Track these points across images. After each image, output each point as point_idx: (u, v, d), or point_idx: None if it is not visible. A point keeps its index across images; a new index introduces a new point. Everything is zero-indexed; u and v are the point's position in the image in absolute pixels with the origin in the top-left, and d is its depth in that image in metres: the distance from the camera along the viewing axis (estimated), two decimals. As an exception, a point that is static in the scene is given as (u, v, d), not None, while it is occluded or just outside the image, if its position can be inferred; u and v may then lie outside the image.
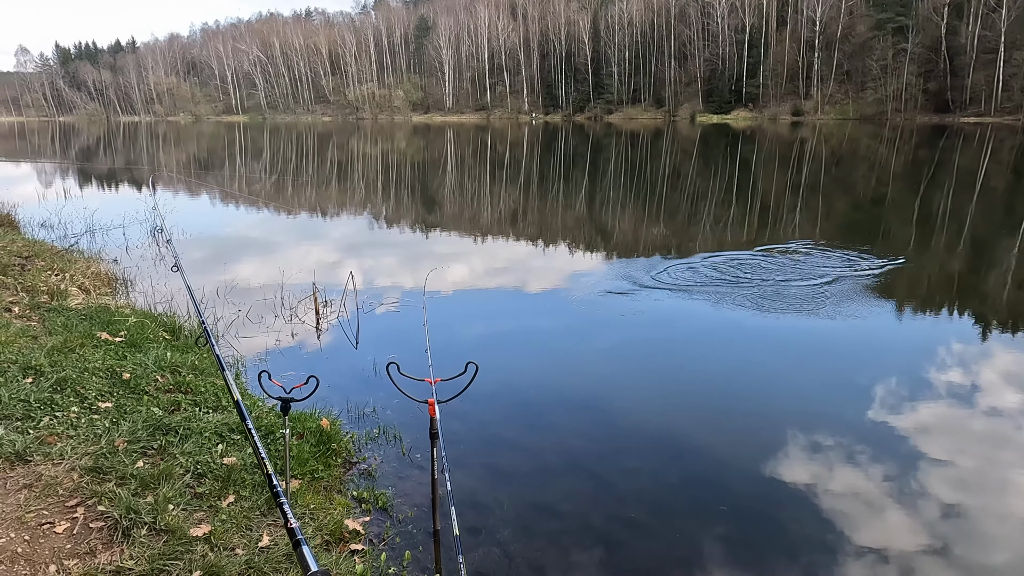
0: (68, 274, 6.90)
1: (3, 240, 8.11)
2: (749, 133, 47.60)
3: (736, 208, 14.86)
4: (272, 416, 3.90)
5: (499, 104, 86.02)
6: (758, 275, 8.20)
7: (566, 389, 5.18)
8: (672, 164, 26.99)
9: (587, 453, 4.11)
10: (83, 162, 29.44)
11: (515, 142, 43.20)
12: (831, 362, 5.62)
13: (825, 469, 3.86)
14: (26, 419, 3.48)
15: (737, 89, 69.83)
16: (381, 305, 7.16)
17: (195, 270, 8.63)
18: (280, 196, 18.43)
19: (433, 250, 10.82)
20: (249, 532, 2.87)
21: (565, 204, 16.36)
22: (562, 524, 3.35)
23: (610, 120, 73.22)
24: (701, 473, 3.88)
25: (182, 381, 4.28)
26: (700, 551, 3.18)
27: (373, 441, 4.11)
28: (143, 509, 2.83)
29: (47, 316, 5.42)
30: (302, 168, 27.15)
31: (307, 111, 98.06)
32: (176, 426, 3.56)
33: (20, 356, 4.22)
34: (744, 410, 4.76)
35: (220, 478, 3.18)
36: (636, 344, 6.10)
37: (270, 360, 5.51)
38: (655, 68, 75.72)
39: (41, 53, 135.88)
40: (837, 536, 3.27)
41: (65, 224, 10.80)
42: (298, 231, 12.69)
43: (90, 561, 2.57)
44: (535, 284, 8.06)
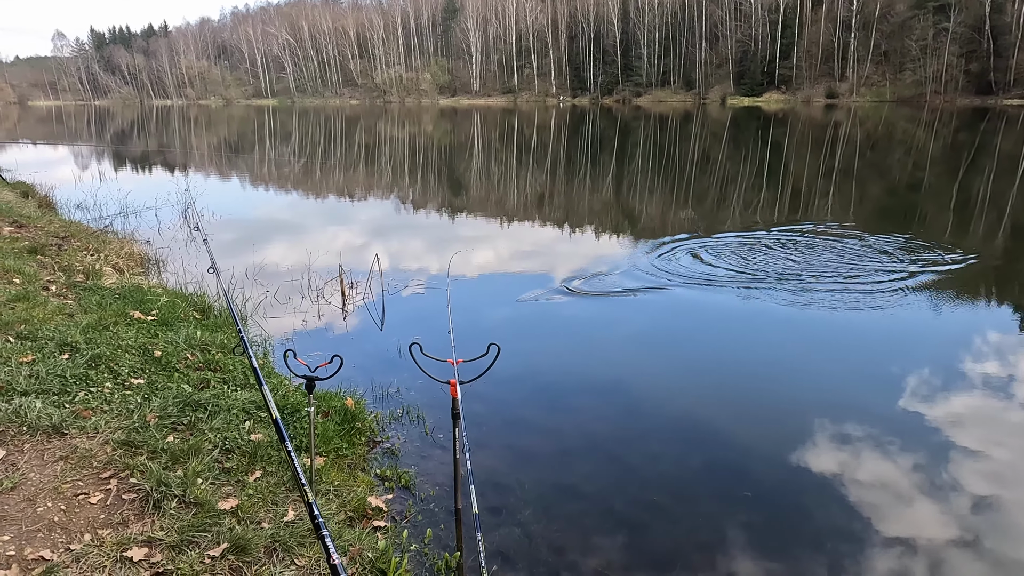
0: (103, 254, 7.07)
1: (41, 221, 8.33)
2: (781, 116, 46.62)
3: (766, 192, 14.60)
4: (298, 395, 3.97)
5: (526, 87, 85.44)
6: (787, 261, 8.07)
7: (588, 372, 5.17)
8: (701, 147, 26.58)
9: (609, 436, 4.11)
10: (117, 145, 30.02)
11: (542, 125, 42.91)
12: (862, 351, 5.51)
13: (853, 458, 3.81)
14: (62, 393, 3.58)
15: (769, 71, 68.32)
16: (406, 287, 7.21)
17: (225, 252, 8.79)
18: (308, 179, 18.60)
19: (459, 233, 10.84)
20: (275, 507, 2.93)
21: (592, 188, 16.24)
22: (583, 506, 3.36)
23: (639, 103, 72.25)
24: (724, 459, 3.85)
25: (211, 359, 4.37)
26: (723, 536, 3.16)
27: (397, 420, 4.16)
28: (173, 482, 2.90)
29: (83, 294, 5.56)
30: (330, 151, 27.34)
31: (335, 94, 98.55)
32: (205, 403, 3.64)
33: (57, 333, 4.35)
34: (770, 397, 4.70)
35: (247, 454, 3.25)
36: (660, 328, 6.05)
37: (297, 340, 5.59)
38: (685, 50, 74.40)
39: (77, 38, 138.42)
40: (864, 526, 3.23)
41: (100, 206, 11.04)
42: (326, 214, 12.80)
43: (123, 531, 2.65)
44: (559, 268, 8.03)
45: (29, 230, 7.56)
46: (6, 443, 3.10)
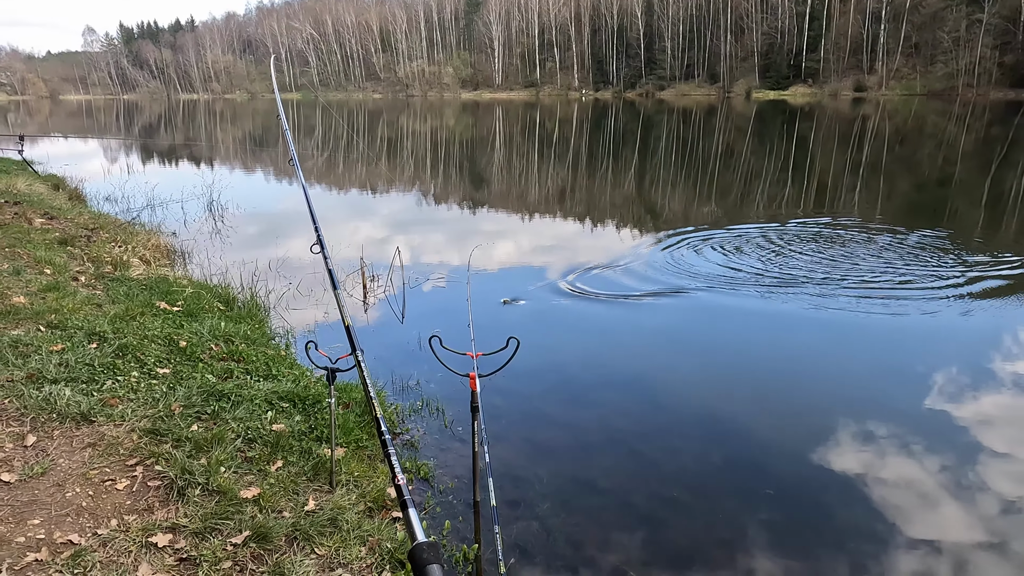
0: (130, 246, 7.19)
1: (71, 213, 8.50)
2: (807, 110, 45.90)
3: (791, 187, 14.39)
4: (319, 386, 4.01)
5: (549, 81, 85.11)
6: (812, 257, 7.96)
7: (608, 367, 5.15)
8: (725, 142, 26.28)
9: (628, 431, 4.09)
10: (145, 139, 30.51)
11: (564, 119, 42.75)
12: (889, 349, 5.41)
13: (877, 458, 3.75)
14: (90, 382, 3.66)
15: (796, 64, 67.22)
16: (427, 281, 7.24)
17: (249, 244, 8.90)
18: (331, 173, 18.75)
19: (480, 227, 10.85)
20: (296, 496, 2.97)
21: (613, 182, 16.15)
22: (601, 500, 3.35)
23: (662, 97, 71.62)
24: (746, 456, 3.82)
25: (235, 350, 4.43)
26: (743, 533, 3.13)
27: (416, 413, 4.18)
28: (197, 470, 2.95)
29: (110, 285, 5.66)
30: (352, 145, 27.51)
31: (358, 88, 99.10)
32: (228, 393, 3.70)
33: (86, 323, 4.43)
34: (793, 395, 4.65)
35: (269, 444, 3.29)
36: (680, 324, 6.00)
37: (318, 332, 5.65)
38: (710, 43, 73.49)
39: (106, 33, 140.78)
40: (888, 527, 3.18)
41: (128, 198, 11.24)
42: (348, 207, 12.90)
43: (148, 517, 2.70)
44: (580, 262, 8.00)
45: (60, 222, 7.72)
46: (37, 430, 3.17)
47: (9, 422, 3.20)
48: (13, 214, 7.59)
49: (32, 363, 3.73)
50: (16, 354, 3.83)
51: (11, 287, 5.04)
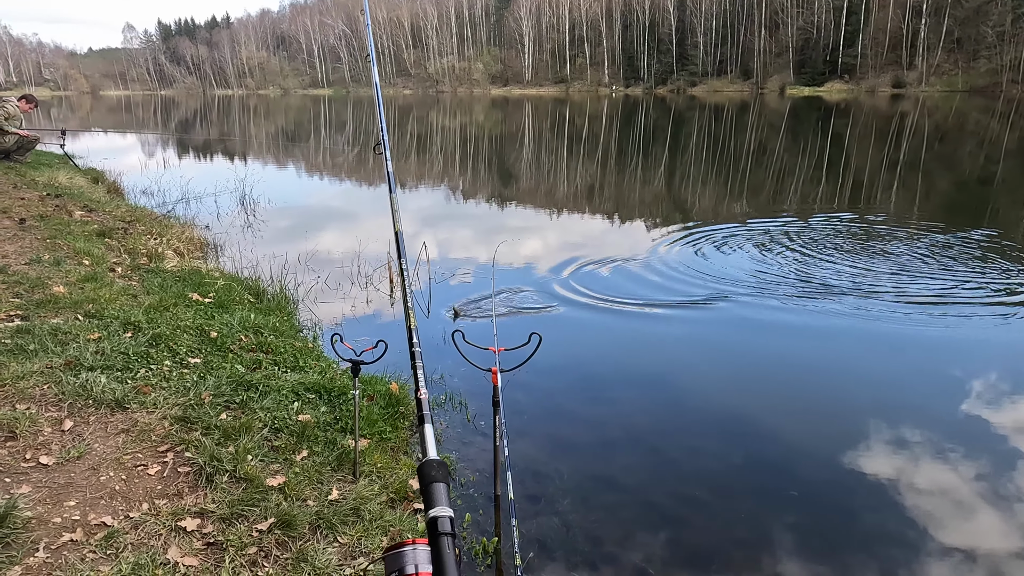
0: (165, 238, 7.37)
1: (110, 206, 8.73)
2: (843, 106, 44.96)
3: (825, 185, 14.13)
4: (345, 378, 4.07)
5: (579, 76, 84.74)
6: (845, 258, 7.81)
7: (631, 364, 5.13)
8: (758, 139, 25.89)
9: (649, 429, 4.08)
10: (181, 134, 31.15)
11: (594, 115, 42.53)
12: (922, 352, 5.29)
13: (909, 463, 3.67)
14: (125, 370, 3.77)
15: (832, 59, 65.85)
16: (453, 276, 7.28)
17: (280, 238, 9.05)
18: (361, 168, 18.94)
19: (507, 223, 10.88)
20: (320, 486, 3.02)
21: (643, 179, 16.04)
22: (621, 497, 3.35)
23: (693, 93, 70.77)
24: (768, 457, 3.78)
25: (263, 341, 4.52)
26: (765, 535, 3.10)
27: (439, 407, 4.22)
28: (225, 458, 3.02)
29: (145, 276, 5.81)
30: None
31: (389, 84, 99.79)
32: (257, 383, 3.77)
33: (121, 312, 4.56)
34: (819, 398, 4.58)
35: (295, 433, 3.35)
36: (705, 323, 5.94)
37: (345, 325, 5.73)
38: (743, 38, 72.39)
39: (145, 30, 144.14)
40: (919, 533, 3.11)
41: (163, 192, 11.51)
42: (377, 202, 13.02)
43: (177, 502, 2.78)
44: (606, 259, 7.97)
45: (98, 214, 7.94)
46: (73, 415, 3.28)
47: (48, 407, 3.32)
48: (55, 206, 7.83)
49: (70, 351, 3.86)
50: (55, 342, 3.96)
51: (52, 277, 5.21)
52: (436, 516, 0.60)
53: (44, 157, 12.58)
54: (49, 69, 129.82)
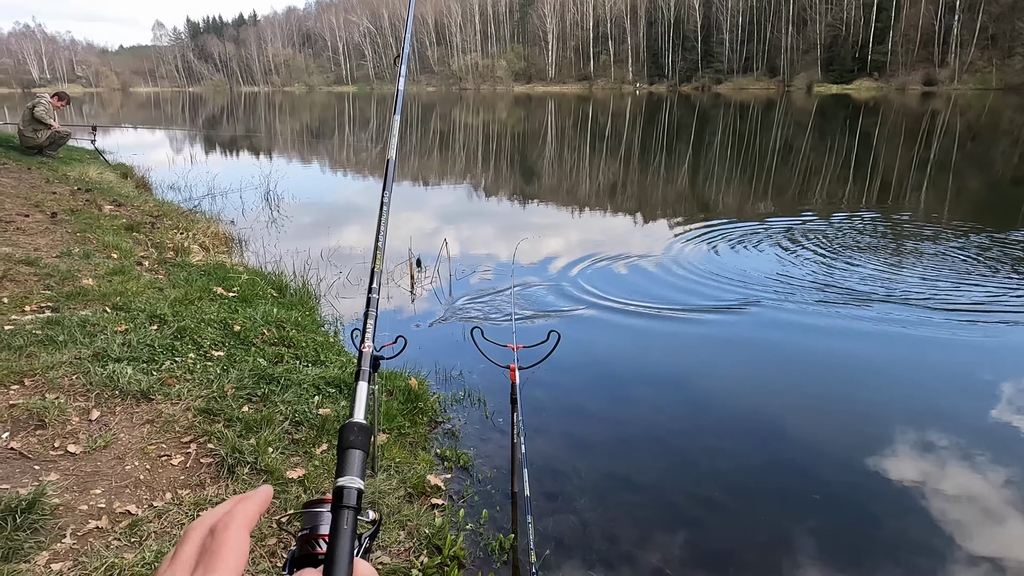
0: (191, 233, 7.48)
1: (138, 200, 8.89)
2: (872, 104, 44.17)
3: (853, 185, 13.90)
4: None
5: (602, 74, 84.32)
6: (872, 260, 7.68)
7: (649, 364, 5.10)
8: (784, 137, 25.55)
9: (668, 429, 4.05)
10: (207, 130, 31.60)
11: (617, 113, 42.30)
12: (951, 357, 5.18)
13: (937, 469, 3.58)
14: (150, 362, 3.84)
15: (861, 56, 64.76)
16: (474, 273, 7.30)
17: (303, 234, 9.14)
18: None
19: (529, 221, 10.87)
20: (339, 479, 3.05)
21: (666, 177, 15.92)
22: (639, 497, 3.33)
23: (718, 90, 70.02)
24: (790, 459, 3.73)
25: (285, 336, 4.57)
26: (785, 538, 3.07)
27: (458, 403, 4.23)
28: (246, 450, 3.07)
29: (172, 270, 5.92)
30: (406, 138, 27.87)
31: (412, 81, 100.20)
32: (278, 377, 3.82)
33: (148, 305, 4.65)
34: (844, 401, 4.50)
35: (315, 427, 3.39)
36: (727, 322, 5.88)
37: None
38: (770, 35, 71.44)
39: (175, 27, 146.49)
40: (945, 541, 3.03)
41: (190, 187, 11.68)
42: (399, 199, 13.09)
43: (200, 492, 2.83)
44: (627, 258, 7.93)
45: (127, 209, 8.09)
46: (100, 405, 3.35)
47: (76, 397, 3.39)
48: (85, 201, 7.99)
49: (98, 342, 3.94)
50: (84, 333, 4.05)
51: (81, 270, 5.32)
52: (342, 486, 0.57)
53: (75, 152, 12.84)
54: (81, 66, 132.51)
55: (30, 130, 10.59)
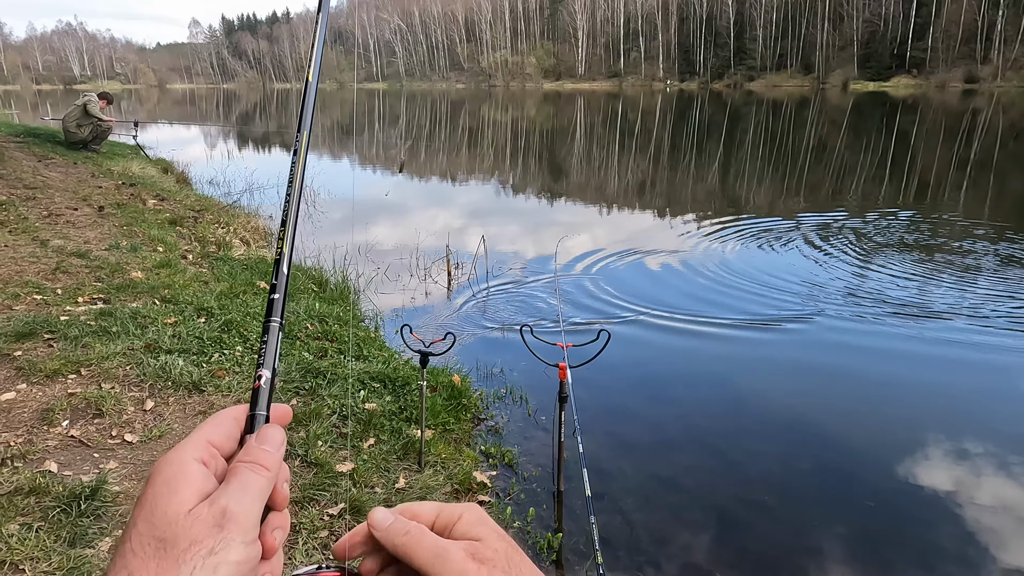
0: (232, 227, 7.61)
1: (179, 195, 9.07)
2: (911, 102, 43.15)
3: (888, 185, 13.60)
4: (408, 368, 4.13)
5: (632, 71, 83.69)
6: (910, 264, 7.51)
7: (692, 364, 5.05)
8: (817, 136, 25.09)
9: (712, 431, 4.01)
10: (242, 126, 32.09)
11: (647, 111, 41.96)
12: (1004, 367, 5.04)
13: (996, 479, 3.50)
14: (200, 354, 3.91)
15: (900, 53, 63.25)
16: (509, 270, 7.30)
17: (339, 229, 9.23)
18: (413, 161, 19.16)
19: (560, 218, 10.84)
20: (387, 474, 3.08)
21: (696, 176, 15.74)
22: (685, 499, 3.30)
23: (751, 88, 69.02)
24: (838, 464, 3.66)
25: (328, 330, 4.62)
26: (833, 543, 3.02)
27: (500, 400, 4.24)
28: (296, 442, 3.11)
29: (215, 264, 6.02)
30: (435, 134, 27.99)
31: (442, 78, 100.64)
32: (324, 371, 3.87)
33: (195, 298, 4.74)
34: (894, 406, 4.40)
35: (362, 421, 3.42)
36: (770, 323, 5.79)
37: (404, 316, 5.81)
38: (805, 31, 70.14)
39: (210, 25, 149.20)
40: (1014, 556, 2.96)
41: (229, 182, 11.87)
42: (429, 195, 13.16)
43: (252, 483, 2.87)
44: (664, 256, 7.87)
45: (170, 203, 8.25)
46: (154, 396, 3.42)
47: (130, 387, 3.47)
48: (129, 195, 8.17)
49: (149, 334, 4.02)
50: (135, 325, 4.14)
51: (129, 262, 5.44)
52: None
53: (117, 147, 13.15)
54: (120, 63, 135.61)
55: (74, 125, 10.86)
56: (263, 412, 0.53)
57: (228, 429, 0.50)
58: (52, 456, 2.84)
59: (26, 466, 2.73)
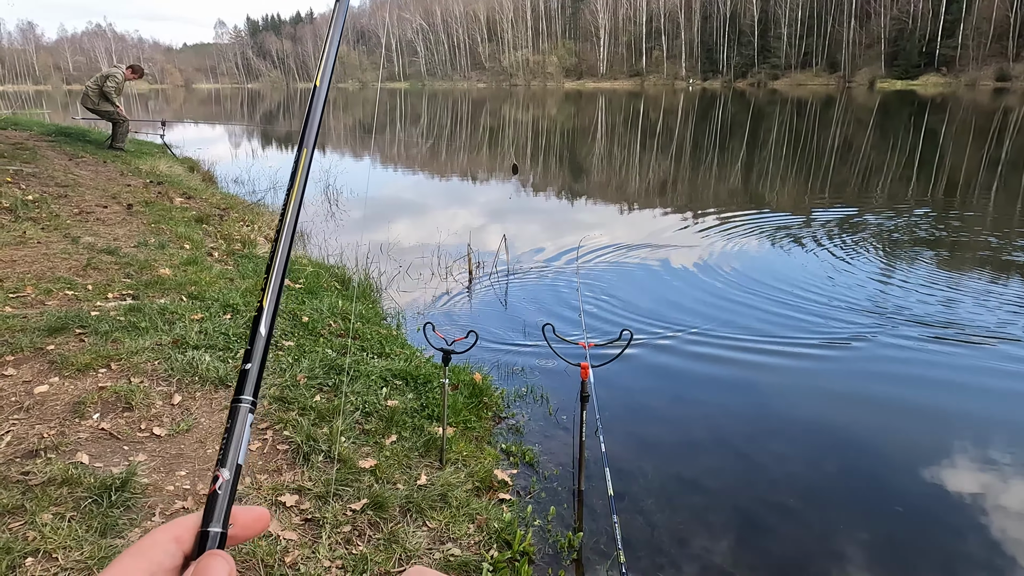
0: (256, 225, 7.71)
1: (205, 193, 9.20)
2: (939, 101, 42.33)
3: (916, 185, 13.36)
4: (429, 366, 4.15)
5: (654, 70, 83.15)
6: (936, 267, 7.38)
7: (714, 365, 5.00)
8: (843, 135, 24.72)
9: (736, 432, 3.97)
10: (265, 125, 32.45)
11: (669, 110, 41.67)
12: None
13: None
14: (226, 349, 3.97)
15: (929, 51, 62.07)
16: (529, 269, 7.30)
17: (360, 227, 9.31)
18: (434, 160, 19.23)
19: (581, 218, 10.81)
20: (408, 470, 3.10)
21: (719, 175, 15.60)
22: (707, 500, 3.28)
23: (775, 86, 68.20)
24: (865, 468, 3.61)
25: (351, 327, 4.66)
26: (858, 548, 2.98)
27: (521, 399, 4.25)
28: (320, 438, 3.15)
29: (240, 261, 6.10)
30: (456, 133, 28.06)
31: (463, 78, 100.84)
32: (347, 367, 3.90)
33: (220, 295, 4.81)
34: (925, 413, 4.33)
35: (384, 418, 3.45)
36: (794, 324, 5.72)
37: (426, 314, 5.84)
38: (831, 28, 69.10)
39: (235, 25, 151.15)
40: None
41: (253, 181, 12.01)
42: (450, 194, 13.20)
43: (277, 478, 2.91)
44: (686, 256, 7.81)
45: (196, 201, 8.38)
46: (181, 390, 3.49)
47: (159, 381, 3.54)
48: (157, 193, 8.31)
49: (177, 330, 4.09)
50: (163, 320, 4.21)
51: (157, 259, 5.54)
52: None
53: (145, 146, 13.36)
54: (147, 64, 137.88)
55: (97, 93, 10.53)
56: (218, 528, 0.40)
57: (160, 558, 0.38)
58: (83, 448, 2.91)
59: (59, 457, 2.80)
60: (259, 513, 0.43)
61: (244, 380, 0.45)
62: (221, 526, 0.40)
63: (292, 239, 0.52)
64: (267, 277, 0.50)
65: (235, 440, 0.43)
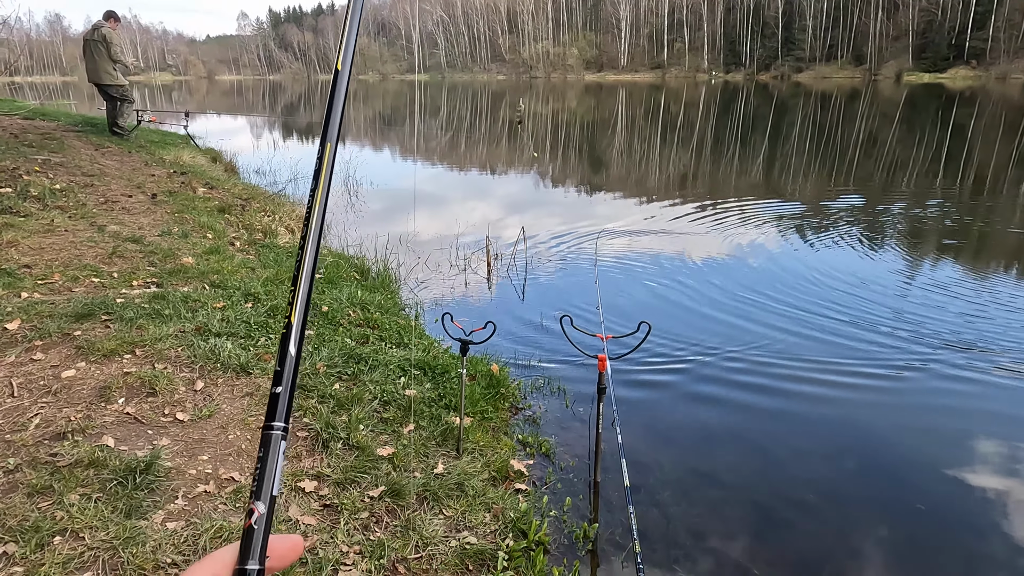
0: (277, 216, 7.78)
1: (227, 184, 9.30)
2: (968, 95, 41.46)
3: (943, 180, 13.12)
4: (447, 356, 4.17)
5: (676, 62, 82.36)
6: (961, 271, 7.25)
7: (733, 359, 4.97)
8: (868, 129, 24.33)
9: (753, 427, 3.95)
10: (287, 116, 32.69)
11: (690, 103, 41.27)
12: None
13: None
14: (247, 337, 4.02)
15: (958, 43, 60.72)
16: (548, 261, 7.30)
17: (379, 218, 9.36)
18: (453, 153, 19.25)
19: (599, 211, 10.77)
20: (426, 459, 3.13)
21: (740, 169, 15.44)
22: (724, 494, 3.27)
23: (799, 79, 67.22)
24: (887, 466, 3.57)
25: (370, 317, 4.70)
26: (877, 546, 2.95)
27: (538, 391, 4.26)
28: (339, 426, 3.18)
29: (261, 251, 6.17)
30: (475, 126, 28.05)
31: (483, 70, 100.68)
32: (366, 357, 3.94)
33: (242, 284, 4.87)
34: (949, 411, 4.27)
35: (402, 407, 3.48)
36: (816, 320, 5.66)
37: (445, 306, 5.87)
38: (857, 20, 67.88)
39: (257, 17, 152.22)
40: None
41: (274, 172, 12.12)
42: (468, 187, 13.21)
43: (297, 464, 2.95)
44: (706, 250, 7.76)
45: (218, 191, 8.47)
46: (204, 377, 3.54)
47: (182, 368, 3.60)
48: (180, 183, 8.42)
49: (199, 317, 4.15)
50: (187, 308, 4.28)
51: (181, 248, 5.62)
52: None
53: (169, 137, 13.53)
54: (172, 55, 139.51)
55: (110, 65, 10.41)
56: (255, 566, 0.40)
57: None
58: (109, 431, 2.97)
59: (85, 440, 2.86)
60: (294, 542, 0.44)
61: (275, 404, 0.44)
62: (258, 562, 0.40)
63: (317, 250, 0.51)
64: (294, 290, 0.48)
65: (268, 471, 0.43)
